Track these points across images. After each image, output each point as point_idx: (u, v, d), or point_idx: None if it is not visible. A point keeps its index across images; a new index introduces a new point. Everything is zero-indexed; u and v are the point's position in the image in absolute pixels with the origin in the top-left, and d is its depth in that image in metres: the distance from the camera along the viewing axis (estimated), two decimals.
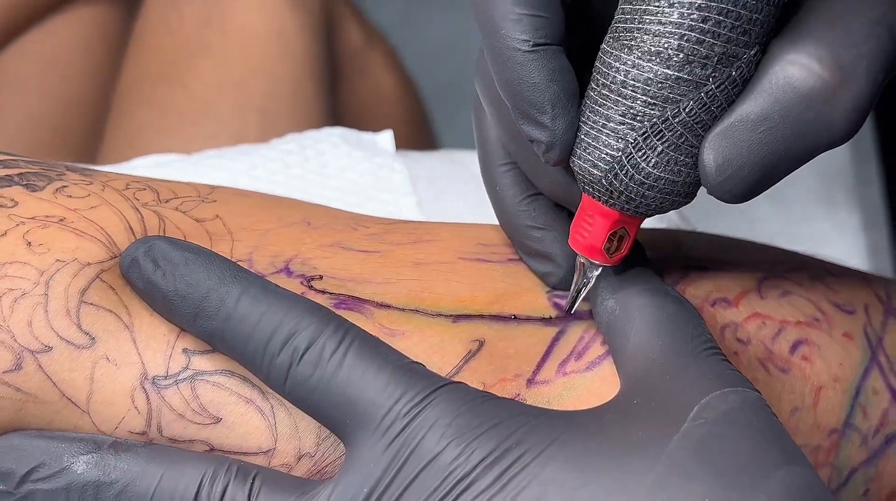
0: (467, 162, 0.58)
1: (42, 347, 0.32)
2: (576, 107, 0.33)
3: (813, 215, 1.25)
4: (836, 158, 1.24)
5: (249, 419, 0.33)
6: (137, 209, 0.36)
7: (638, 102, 0.31)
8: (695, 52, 0.30)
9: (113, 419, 0.32)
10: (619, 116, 0.32)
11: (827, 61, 0.30)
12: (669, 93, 0.31)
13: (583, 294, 0.36)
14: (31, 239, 0.33)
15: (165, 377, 0.33)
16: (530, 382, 0.35)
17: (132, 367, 0.33)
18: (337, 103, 0.81)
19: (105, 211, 0.35)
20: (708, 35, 0.30)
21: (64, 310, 0.32)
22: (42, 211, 0.34)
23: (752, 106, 0.31)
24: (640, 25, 0.31)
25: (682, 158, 0.32)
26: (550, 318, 0.36)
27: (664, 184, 0.32)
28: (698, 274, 0.39)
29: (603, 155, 0.32)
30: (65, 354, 0.32)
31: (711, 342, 0.33)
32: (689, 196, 0.33)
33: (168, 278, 0.32)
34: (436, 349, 0.34)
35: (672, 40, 0.30)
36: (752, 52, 0.31)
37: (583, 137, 0.33)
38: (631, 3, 0.31)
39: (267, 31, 0.73)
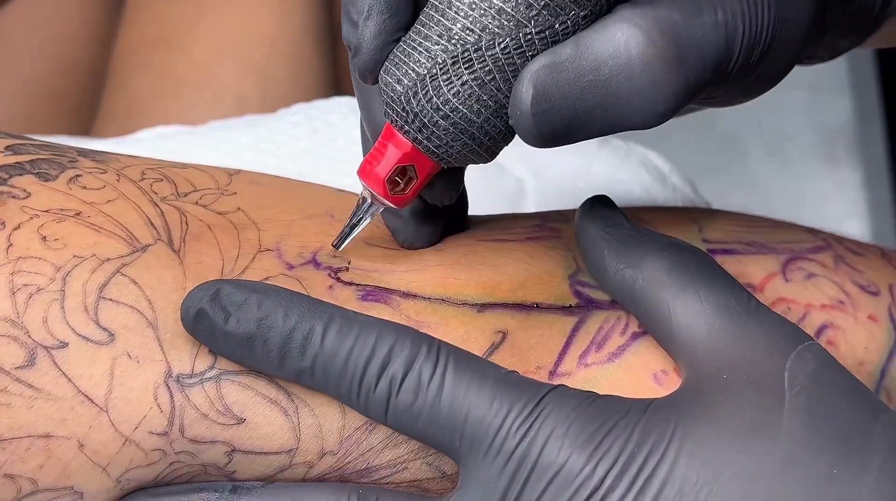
0: None
1: (57, 343, 0.31)
2: (393, 21, 0.32)
3: (814, 173, 1.25)
4: (837, 115, 1.24)
5: (273, 421, 0.33)
6: (156, 204, 0.35)
7: (458, 24, 0.31)
8: None
9: (133, 418, 0.32)
10: (437, 36, 0.31)
11: (668, 37, 0.30)
12: (490, 22, 0.31)
13: (356, 231, 0.35)
14: (45, 233, 0.32)
15: (191, 376, 0.32)
16: (552, 374, 0.35)
17: (156, 364, 0.32)
18: (338, 69, 0.80)
19: (123, 205, 0.34)
20: None
21: (81, 306, 0.32)
22: (56, 204, 0.33)
23: (585, 51, 0.30)
24: None
25: (484, 97, 0.31)
26: (571, 306, 0.36)
27: (460, 118, 0.31)
28: (722, 258, 0.38)
29: (409, 71, 0.32)
30: (82, 350, 0.31)
31: (745, 291, 0.33)
32: (483, 148, 0.32)
33: (243, 323, 0.31)
34: (460, 342, 0.34)
35: None
36: (582, 14, 0.31)
37: (398, 52, 0.32)
38: None
39: None
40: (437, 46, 0.31)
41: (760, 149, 1.26)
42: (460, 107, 0.31)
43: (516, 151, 0.56)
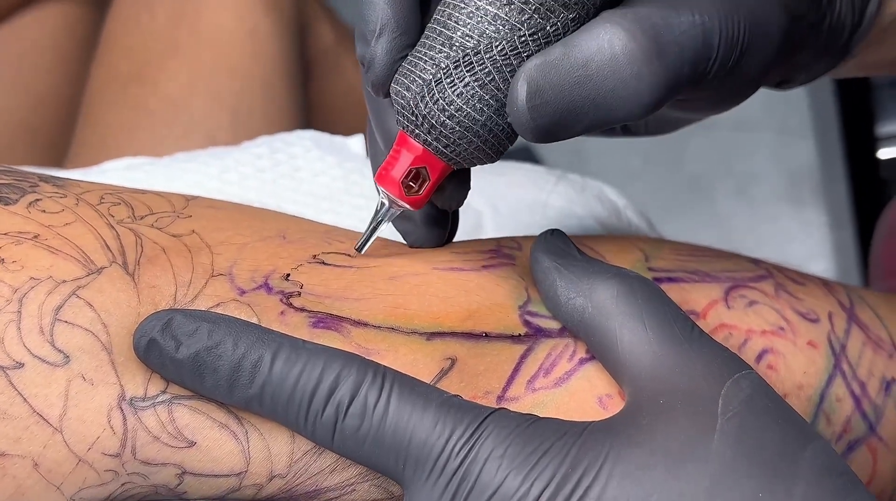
0: None
1: (14, 363, 0.32)
2: (403, 38, 0.35)
3: (779, 214, 1.27)
4: (802, 157, 1.26)
5: (223, 444, 0.33)
6: (113, 226, 0.35)
7: (458, 32, 0.34)
8: None
9: (87, 439, 0.32)
10: (440, 45, 0.34)
11: (648, 34, 0.33)
12: (486, 27, 0.33)
13: (376, 233, 0.37)
14: (4, 256, 0.33)
15: (143, 399, 0.33)
16: (500, 399, 0.35)
17: (110, 387, 0.32)
18: (309, 103, 0.81)
19: (80, 228, 0.35)
20: None
21: (37, 328, 0.32)
22: (15, 226, 0.34)
23: (573, 50, 0.33)
24: None
25: (486, 96, 0.34)
26: (520, 335, 0.37)
27: (465, 117, 0.34)
28: (667, 286, 0.39)
29: (416, 79, 0.34)
30: (37, 371, 0.32)
31: (689, 320, 0.35)
32: (488, 146, 0.35)
33: (193, 352, 0.32)
34: (409, 369, 0.35)
35: None
36: (571, 16, 0.34)
37: (406, 65, 0.35)
38: None
39: (239, 30, 0.73)
40: (440, 54, 0.34)
41: (727, 190, 1.27)
42: (464, 107, 0.34)
43: (475, 185, 0.57)
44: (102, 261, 0.34)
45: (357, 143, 0.58)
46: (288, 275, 0.36)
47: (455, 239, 0.42)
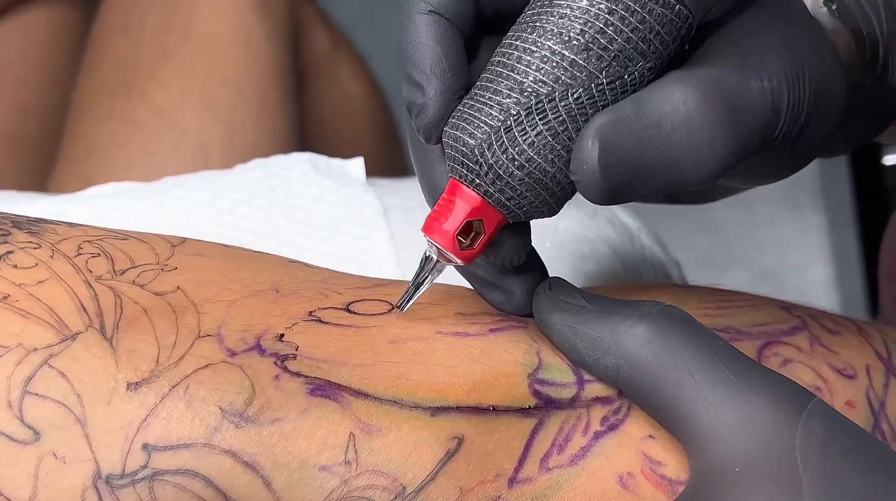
0: None
1: None
2: (455, 80, 0.33)
3: (778, 218, 1.25)
4: None
5: None
6: (90, 284, 0.33)
7: (529, 77, 0.32)
8: (595, 41, 0.31)
9: None
10: (507, 90, 0.32)
11: (721, 97, 0.31)
12: (562, 74, 0.32)
13: (421, 291, 0.35)
14: None
15: (122, 476, 0.30)
16: (512, 481, 0.33)
17: (83, 464, 0.30)
18: (304, 111, 0.78)
19: (54, 287, 0.32)
20: (610, 28, 0.31)
21: (5, 402, 0.30)
22: None
23: (647, 109, 0.31)
24: (549, 10, 0.32)
25: (558, 147, 0.32)
26: (529, 408, 0.34)
27: (535, 168, 0.32)
28: None
29: (482, 125, 0.32)
30: (4, 449, 0.30)
31: (734, 350, 0.32)
32: (553, 198, 0.33)
33: None
34: (412, 450, 0.32)
35: (576, 24, 0.31)
36: (648, 65, 0.32)
37: (465, 109, 0.33)
38: None
39: (232, 38, 0.71)
40: (508, 100, 0.32)
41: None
42: (535, 157, 0.32)
43: None
44: (78, 325, 0.32)
45: (357, 166, 0.56)
46: (282, 335, 0.33)
47: None
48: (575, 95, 0.31)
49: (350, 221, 0.51)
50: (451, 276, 0.38)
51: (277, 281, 0.36)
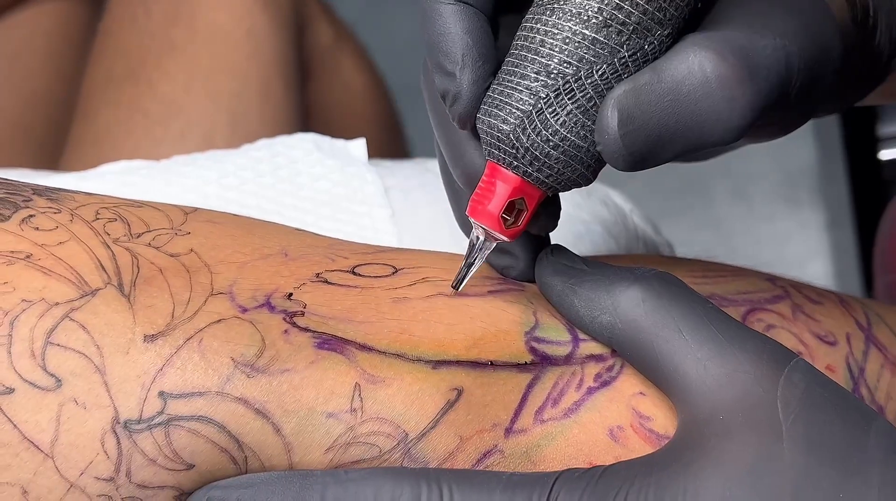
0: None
1: (4, 389, 0.31)
2: (486, 66, 0.34)
3: (777, 214, 1.26)
4: (800, 156, 1.25)
5: (223, 469, 0.32)
6: (108, 246, 0.34)
7: (554, 59, 0.33)
8: (613, 17, 0.32)
9: (79, 464, 0.31)
10: (534, 73, 0.33)
11: (738, 56, 0.32)
12: (585, 53, 0.32)
13: (473, 271, 0.36)
14: None
15: (139, 421, 0.32)
16: (508, 431, 0.34)
17: (103, 410, 0.31)
18: (307, 103, 0.80)
19: (74, 247, 0.34)
20: (626, 2, 0.32)
21: (28, 351, 0.31)
22: (8, 245, 0.33)
23: (663, 74, 0.32)
24: None
25: (588, 122, 0.33)
26: (526, 363, 0.36)
27: (569, 145, 0.33)
28: None
29: (514, 110, 0.33)
30: (28, 396, 0.31)
31: (722, 312, 0.34)
32: (589, 171, 0.34)
33: None
34: (414, 400, 0.34)
35: (593, 3, 0.32)
36: (666, 32, 0.33)
37: (495, 95, 0.34)
38: None
39: (237, 29, 0.72)
40: (536, 83, 0.33)
41: (724, 190, 1.27)
42: (568, 135, 0.33)
43: None
44: (97, 282, 0.33)
45: (359, 147, 0.57)
46: (291, 294, 0.35)
47: (458, 248, 0.40)
48: (600, 72, 0.33)
49: (352, 198, 0.53)
50: (451, 225, 0.39)
51: (286, 246, 0.37)
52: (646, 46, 0.33)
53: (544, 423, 0.35)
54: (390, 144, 0.92)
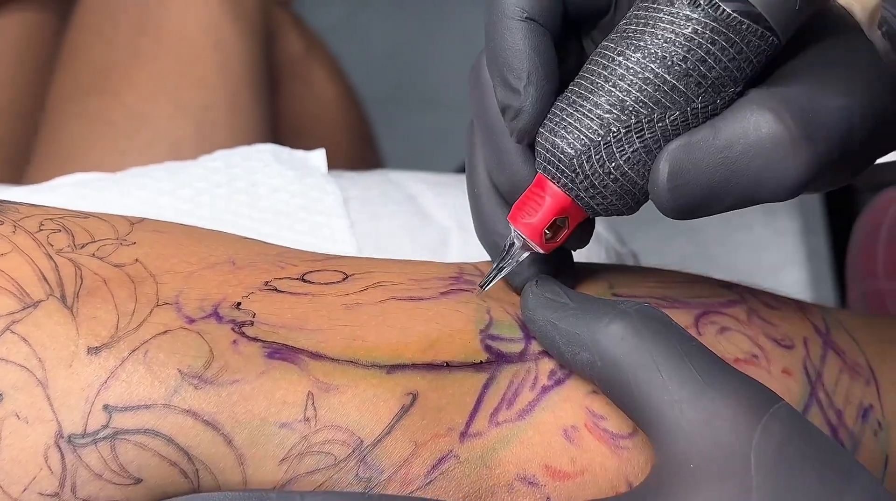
0: (402, 182, 0.57)
1: None
2: (550, 85, 0.35)
3: (751, 222, 1.26)
4: None
5: (173, 483, 0.32)
6: (51, 257, 0.34)
7: (631, 96, 0.33)
8: (696, 68, 0.33)
9: (22, 480, 0.30)
10: (608, 104, 0.34)
11: (797, 116, 0.32)
12: (662, 97, 0.33)
13: (503, 274, 0.37)
14: None
15: (83, 435, 0.31)
16: (463, 435, 0.34)
17: (45, 424, 0.31)
18: (276, 114, 0.79)
19: (16, 259, 0.33)
20: (711, 58, 0.33)
21: None
22: None
23: (719, 132, 0.33)
24: (653, 31, 0.33)
25: (650, 162, 0.34)
26: (481, 362, 0.35)
27: (627, 181, 0.34)
28: None
29: (582, 136, 0.34)
30: None
31: (705, 351, 0.33)
32: (637, 204, 0.35)
33: None
34: (369, 406, 0.33)
35: (679, 51, 0.33)
36: (736, 90, 0.33)
37: (563, 116, 0.34)
38: (646, 10, 0.33)
39: (205, 40, 0.72)
40: (608, 115, 0.34)
41: None
42: (629, 171, 0.34)
43: (442, 201, 0.55)
44: (39, 294, 0.32)
45: (318, 157, 0.56)
46: (239, 303, 0.34)
47: (418, 257, 0.40)
48: (671, 118, 0.33)
49: (311, 209, 0.52)
50: (410, 235, 0.39)
51: (233, 255, 0.37)
52: (717, 100, 0.33)
53: (499, 425, 0.34)
54: (361, 154, 0.91)
